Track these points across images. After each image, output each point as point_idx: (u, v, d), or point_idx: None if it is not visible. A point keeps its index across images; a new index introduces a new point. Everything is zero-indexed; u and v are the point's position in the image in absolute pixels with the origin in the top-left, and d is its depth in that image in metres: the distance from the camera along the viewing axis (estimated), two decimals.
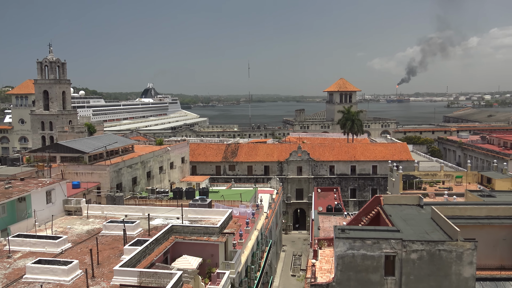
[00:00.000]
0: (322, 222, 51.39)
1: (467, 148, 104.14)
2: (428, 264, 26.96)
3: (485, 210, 32.33)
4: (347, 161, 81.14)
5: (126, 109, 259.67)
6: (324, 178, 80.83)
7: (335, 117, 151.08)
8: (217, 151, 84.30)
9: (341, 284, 27.68)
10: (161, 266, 27.18)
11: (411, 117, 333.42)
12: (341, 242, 27.38)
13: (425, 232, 29.14)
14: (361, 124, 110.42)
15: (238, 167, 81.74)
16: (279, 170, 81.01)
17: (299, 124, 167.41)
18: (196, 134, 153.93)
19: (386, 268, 27.32)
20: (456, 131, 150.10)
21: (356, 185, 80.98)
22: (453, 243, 26.80)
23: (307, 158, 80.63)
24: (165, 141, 77.68)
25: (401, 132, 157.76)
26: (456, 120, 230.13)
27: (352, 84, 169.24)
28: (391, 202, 36.48)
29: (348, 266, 27.42)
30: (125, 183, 54.22)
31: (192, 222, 34.83)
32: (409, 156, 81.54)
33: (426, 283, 27.06)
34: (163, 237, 29.76)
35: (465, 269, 26.77)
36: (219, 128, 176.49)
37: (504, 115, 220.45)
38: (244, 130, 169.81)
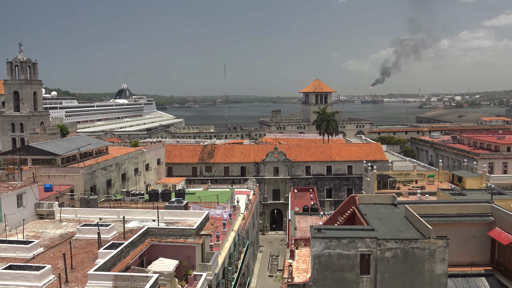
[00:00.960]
0: (299, 222, 51.71)
1: (439, 148, 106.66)
2: (402, 262, 27.49)
3: (456, 208, 33.22)
4: (323, 162, 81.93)
5: (100, 110, 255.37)
6: (301, 179, 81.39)
7: (311, 117, 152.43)
8: (194, 152, 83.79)
9: (317, 283, 27.94)
10: (137, 269, 26.84)
11: (385, 118, 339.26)
12: (317, 242, 27.64)
13: (399, 231, 29.72)
14: (337, 124, 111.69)
15: (214, 168, 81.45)
16: (255, 171, 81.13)
17: (276, 125, 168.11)
18: (172, 135, 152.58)
19: (362, 267, 27.73)
20: (428, 131, 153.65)
21: (332, 185, 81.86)
22: (426, 241, 27.43)
23: (284, 158, 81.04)
24: (140, 143, 76.76)
25: (375, 132, 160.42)
26: (428, 120, 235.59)
27: (327, 85, 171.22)
28: (366, 202, 37.05)
29: (325, 266, 27.71)
30: (99, 186, 53.27)
31: (168, 224, 34.52)
32: (383, 156, 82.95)
33: (400, 280, 27.60)
34: (139, 240, 29.40)
35: (437, 266, 27.43)
36: (195, 129, 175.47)
37: (473, 115, 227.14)
38: (221, 131, 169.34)
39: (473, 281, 31.03)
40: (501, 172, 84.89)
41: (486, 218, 32.27)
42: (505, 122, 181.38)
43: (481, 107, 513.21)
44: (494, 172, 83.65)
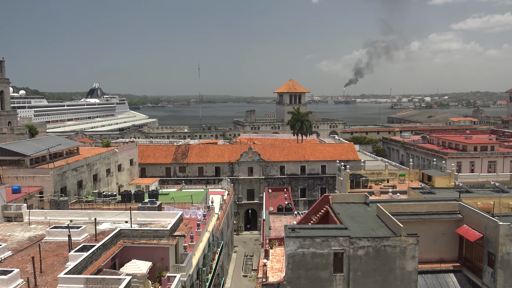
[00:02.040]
0: (273, 222, 51.94)
1: (409, 148, 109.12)
2: (374, 259, 27.99)
3: (426, 206, 34.04)
4: (297, 161, 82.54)
5: (71, 110, 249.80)
6: (275, 178, 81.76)
7: (285, 118, 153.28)
8: (167, 153, 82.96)
9: (291, 282, 28.13)
10: (109, 272, 26.39)
11: (358, 118, 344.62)
12: (291, 241, 27.83)
13: (371, 229, 30.24)
14: (310, 125, 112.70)
15: (188, 169, 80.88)
16: (230, 171, 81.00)
17: (250, 125, 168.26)
18: (145, 136, 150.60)
19: (335, 265, 28.08)
20: (399, 131, 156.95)
21: (306, 184, 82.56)
22: (397, 239, 28.01)
23: (258, 158, 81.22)
24: (113, 143, 75.52)
25: (348, 132, 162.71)
26: (399, 120, 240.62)
27: (301, 86, 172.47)
28: (339, 201, 37.53)
29: (299, 265, 27.92)
30: (70, 187, 52.09)
31: (141, 226, 34.08)
32: (356, 156, 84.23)
33: (372, 278, 28.10)
34: (111, 241, 28.91)
35: (408, 263, 28.05)
36: (169, 129, 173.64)
37: (442, 116, 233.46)
38: (195, 131, 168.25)
39: (442, 277, 31.88)
40: (469, 171, 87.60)
41: (454, 215, 33.19)
42: (472, 122, 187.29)
43: (450, 108, 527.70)
44: (462, 171, 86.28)
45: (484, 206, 39.43)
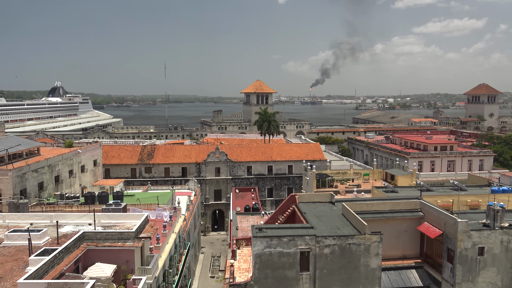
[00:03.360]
0: (240, 222, 51.99)
1: (373, 148, 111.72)
2: (339, 257, 28.52)
3: (389, 204, 34.99)
4: (264, 162, 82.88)
5: (31, 109, 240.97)
6: (242, 179, 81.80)
7: (252, 118, 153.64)
8: (132, 153, 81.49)
9: (259, 282, 28.25)
10: (72, 276, 25.68)
11: (324, 119, 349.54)
12: (258, 241, 27.95)
13: (337, 228, 30.80)
14: (277, 125, 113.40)
15: (154, 169, 79.73)
16: (197, 171, 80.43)
17: (217, 125, 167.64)
18: (110, 136, 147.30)
19: (301, 264, 28.42)
20: (364, 131, 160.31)
21: (273, 184, 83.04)
22: (361, 237, 28.65)
23: (225, 159, 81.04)
24: (76, 143, 73.39)
25: (314, 132, 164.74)
26: (364, 121, 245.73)
27: (268, 86, 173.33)
28: (306, 200, 38.02)
29: (266, 264, 28.08)
30: (30, 189, 50.28)
31: (106, 228, 33.32)
32: (322, 156, 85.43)
33: (337, 275, 28.61)
34: (74, 245, 28.14)
35: (372, 261, 28.74)
36: (135, 129, 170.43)
37: (405, 117, 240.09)
38: (161, 131, 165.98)
39: (404, 274, 32.85)
40: (429, 170, 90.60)
41: (415, 213, 34.28)
42: (432, 123, 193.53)
43: (412, 109, 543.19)
44: (423, 170, 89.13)
45: (443, 204, 40.93)
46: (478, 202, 42.68)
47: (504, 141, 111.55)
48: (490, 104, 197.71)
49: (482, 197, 43.09)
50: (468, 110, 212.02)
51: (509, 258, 29.72)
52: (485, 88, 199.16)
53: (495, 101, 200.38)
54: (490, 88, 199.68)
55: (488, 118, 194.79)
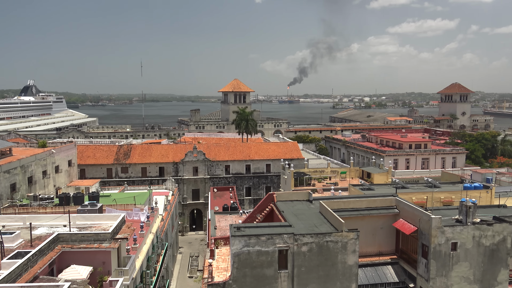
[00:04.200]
0: (219, 222, 51.90)
1: (350, 146, 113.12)
2: (317, 255, 28.78)
3: (365, 202, 35.50)
4: (242, 161, 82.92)
5: (3, 108, 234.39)
6: (220, 178, 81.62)
7: (230, 117, 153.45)
8: (108, 153, 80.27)
9: (237, 281, 28.26)
10: (46, 279, 25.17)
11: (301, 117, 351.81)
12: (237, 240, 27.95)
13: (314, 226, 31.07)
14: (255, 124, 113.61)
15: (131, 169, 78.75)
16: (174, 171, 79.84)
17: (195, 124, 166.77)
18: (85, 135, 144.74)
19: (280, 262, 28.55)
20: (341, 130, 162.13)
21: (251, 183, 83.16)
22: (339, 234, 28.99)
23: (203, 158, 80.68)
24: (49, 143, 71.87)
25: (292, 131, 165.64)
26: (341, 120, 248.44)
27: (246, 85, 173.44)
28: (284, 199, 38.22)
29: (244, 263, 28.10)
30: (2, 190, 48.96)
31: (81, 229, 32.75)
32: (300, 155, 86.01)
33: (315, 273, 28.88)
34: (48, 247, 27.58)
35: (349, 258, 29.11)
36: (110, 129, 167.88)
37: (380, 115, 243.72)
38: (137, 131, 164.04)
39: (380, 270, 33.38)
40: (404, 167, 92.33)
41: (391, 210, 34.87)
42: (407, 122, 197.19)
43: (387, 108, 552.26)
44: (398, 167, 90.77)
45: (418, 200, 41.79)
46: (451, 198, 43.75)
47: (476, 139, 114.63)
48: (462, 103, 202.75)
49: (455, 193, 44.19)
50: (441, 109, 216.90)
51: (481, 253, 30.57)
52: (458, 88, 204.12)
53: (467, 100, 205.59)
54: (462, 87, 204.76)
55: (461, 117, 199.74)
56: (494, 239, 30.59)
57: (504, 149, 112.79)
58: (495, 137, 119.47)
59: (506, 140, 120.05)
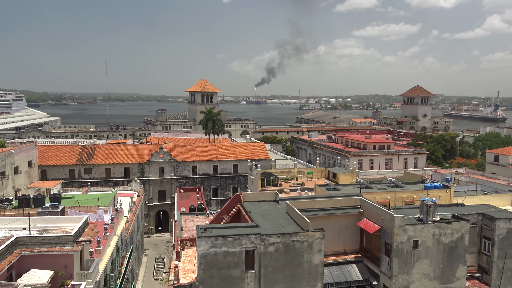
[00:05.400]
0: (185, 223, 51.46)
1: (316, 147, 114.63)
2: (283, 255, 29.02)
3: (331, 202, 36.09)
4: (209, 161, 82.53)
5: None
6: (187, 179, 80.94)
7: (197, 117, 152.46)
8: (71, 153, 78.07)
9: (204, 282, 28.11)
10: (4, 284, 24.22)
11: (268, 118, 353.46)
12: (203, 241, 27.81)
13: (281, 226, 31.33)
14: (222, 124, 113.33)
15: (95, 170, 76.89)
16: (140, 171, 78.54)
17: (161, 124, 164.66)
18: (46, 135, 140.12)
19: (246, 263, 28.61)
20: (307, 131, 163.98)
21: (218, 184, 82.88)
22: (305, 234, 29.34)
23: (169, 158, 79.76)
24: (8, 143, 69.25)
25: (259, 132, 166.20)
26: (307, 121, 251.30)
27: (213, 85, 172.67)
28: (251, 199, 38.32)
29: (211, 264, 27.99)
30: None
31: (42, 232, 31.70)
32: (267, 155, 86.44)
33: (282, 273, 29.11)
34: (6, 251, 26.56)
35: (315, 257, 29.51)
36: (73, 129, 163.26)
37: (346, 117, 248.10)
38: (102, 131, 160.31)
39: (345, 268, 34.03)
40: (368, 168, 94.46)
41: (356, 210, 35.61)
42: (371, 123, 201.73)
43: (352, 109, 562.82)
44: (362, 168, 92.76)
45: (381, 200, 42.82)
46: (413, 198, 45.09)
47: (436, 140, 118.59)
48: (424, 105, 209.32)
49: (416, 193, 45.57)
50: (403, 111, 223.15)
51: (440, 250, 31.67)
52: (419, 90, 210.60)
53: (428, 102, 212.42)
54: (424, 90, 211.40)
55: (422, 119, 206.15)
56: (453, 236, 31.77)
57: (462, 150, 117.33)
58: (454, 139, 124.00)
59: (464, 141, 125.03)
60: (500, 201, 47.79)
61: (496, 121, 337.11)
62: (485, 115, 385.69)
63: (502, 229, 33.70)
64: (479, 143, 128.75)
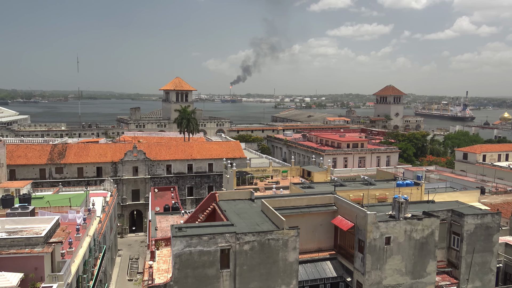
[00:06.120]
0: (160, 222, 50.97)
1: (291, 145, 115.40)
2: (259, 253, 29.10)
3: (305, 200, 36.40)
4: (184, 160, 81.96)
5: None
6: (161, 178, 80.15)
7: (172, 116, 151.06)
8: (41, 153, 76.11)
9: (178, 282, 27.91)
10: None
11: (244, 117, 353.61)
12: (178, 241, 27.60)
13: (256, 224, 31.42)
14: (197, 123, 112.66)
15: (66, 170, 75.21)
16: (113, 171, 77.29)
17: (135, 123, 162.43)
18: (15, 134, 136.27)
19: (222, 261, 28.57)
20: (282, 130, 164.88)
21: (193, 183, 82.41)
22: (280, 232, 29.50)
23: (143, 157, 78.79)
24: None
25: (234, 130, 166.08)
26: (282, 119, 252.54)
27: (188, 84, 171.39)
28: (226, 198, 38.27)
29: (186, 264, 27.82)
30: None
31: (11, 234, 30.82)
32: (242, 154, 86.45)
33: (257, 271, 29.19)
34: None
35: (290, 255, 29.72)
36: (44, 127, 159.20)
37: (320, 116, 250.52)
38: (73, 129, 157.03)
39: (320, 265, 34.41)
40: (342, 166, 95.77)
41: (330, 207, 36.04)
42: (345, 122, 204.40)
43: (327, 108, 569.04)
44: (337, 166, 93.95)
45: (355, 197, 43.56)
46: (385, 195, 46.01)
47: (408, 138, 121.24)
48: (396, 104, 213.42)
49: (389, 190, 46.52)
50: (376, 109, 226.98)
51: (412, 246, 32.40)
52: (391, 90, 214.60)
53: (400, 101, 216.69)
54: (396, 89, 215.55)
55: (394, 118, 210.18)
56: (423, 232, 32.55)
57: (432, 148, 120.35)
58: (425, 137, 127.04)
59: (435, 140, 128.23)
60: (468, 198, 49.38)
61: (465, 120, 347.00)
62: (455, 114, 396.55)
63: (470, 225, 34.73)
64: (449, 142, 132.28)
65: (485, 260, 35.23)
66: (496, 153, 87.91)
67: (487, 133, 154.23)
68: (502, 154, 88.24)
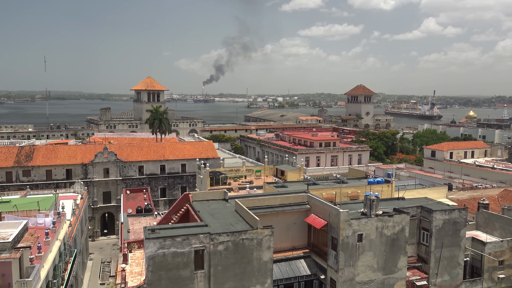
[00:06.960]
0: (132, 225, 50.22)
1: (265, 145, 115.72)
2: (233, 253, 29.12)
3: (279, 199, 36.64)
4: (156, 161, 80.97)
5: None
6: (133, 179, 78.94)
7: (143, 116, 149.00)
8: (7, 155, 73.68)
9: (152, 284, 27.62)
10: None
11: (217, 117, 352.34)
12: (151, 243, 27.31)
13: (230, 224, 31.41)
14: (169, 123, 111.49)
15: (34, 172, 73.08)
16: (83, 173, 75.62)
17: (105, 124, 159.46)
18: None
19: (196, 262, 28.44)
20: (255, 129, 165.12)
21: (166, 184, 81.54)
22: (254, 232, 29.60)
23: (115, 159, 77.40)
24: None
25: (207, 130, 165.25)
26: (255, 119, 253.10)
27: (160, 83, 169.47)
28: (199, 199, 38.10)
29: (159, 266, 27.55)
30: None
31: None
32: (215, 154, 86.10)
33: (232, 271, 29.20)
34: None
35: (264, 254, 29.87)
36: (10, 129, 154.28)
37: (293, 115, 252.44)
38: (41, 131, 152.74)
39: (294, 264, 34.70)
40: (315, 165, 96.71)
41: (303, 206, 36.39)
42: (318, 121, 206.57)
43: (299, 108, 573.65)
44: (309, 165, 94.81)
45: (328, 196, 44.09)
46: (357, 193, 46.77)
47: (378, 137, 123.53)
48: (366, 103, 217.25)
49: (360, 188, 47.30)
50: (348, 109, 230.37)
51: (383, 242, 33.10)
52: (362, 89, 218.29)
53: (370, 101, 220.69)
54: (366, 89, 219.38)
55: (365, 117, 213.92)
56: (394, 229, 33.30)
57: (402, 146, 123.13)
58: (395, 135, 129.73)
59: (404, 138, 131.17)
60: (436, 194, 50.79)
61: (433, 118, 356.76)
62: (423, 113, 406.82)
63: (439, 221, 35.76)
64: (417, 140, 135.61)
65: (453, 255, 36.35)
66: (462, 150, 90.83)
67: (454, 131, 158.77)
68: (468, 151, 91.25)
